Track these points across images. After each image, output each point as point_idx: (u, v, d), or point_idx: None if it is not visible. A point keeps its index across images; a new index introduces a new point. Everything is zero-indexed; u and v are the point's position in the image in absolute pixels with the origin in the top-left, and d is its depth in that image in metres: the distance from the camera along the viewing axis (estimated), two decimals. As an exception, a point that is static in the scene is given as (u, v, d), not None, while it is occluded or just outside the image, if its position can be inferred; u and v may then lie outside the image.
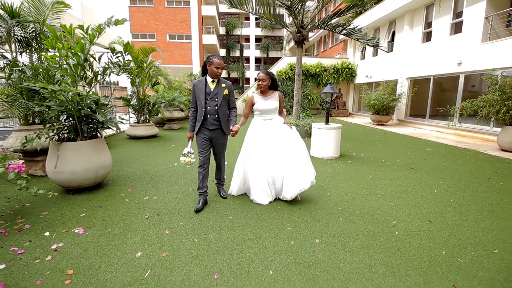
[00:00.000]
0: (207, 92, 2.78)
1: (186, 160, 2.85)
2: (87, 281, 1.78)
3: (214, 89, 2.80)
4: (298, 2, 6.73)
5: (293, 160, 2.95)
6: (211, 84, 2.81)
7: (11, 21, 3.84)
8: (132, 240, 2.28)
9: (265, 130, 3.07)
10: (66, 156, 3.13)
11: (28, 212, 2.83)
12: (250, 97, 3.13)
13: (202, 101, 2.77)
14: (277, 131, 3.04)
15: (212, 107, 2.78)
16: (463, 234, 2.44)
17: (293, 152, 2.96)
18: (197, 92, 2.81)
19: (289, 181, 2.96)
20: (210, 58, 2.75)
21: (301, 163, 2.94)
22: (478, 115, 6.71)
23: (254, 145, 3.07)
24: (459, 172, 4.49)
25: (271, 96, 3.10)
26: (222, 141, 2.98)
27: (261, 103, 3.06)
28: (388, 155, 5.75)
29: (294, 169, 2.93)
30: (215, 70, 2.74)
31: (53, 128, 3.09)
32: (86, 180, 3.29)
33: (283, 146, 2.99)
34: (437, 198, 3.29)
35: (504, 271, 1.91)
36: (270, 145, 3.01)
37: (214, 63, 2.72)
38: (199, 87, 2.80)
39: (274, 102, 3.08)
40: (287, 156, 2.97)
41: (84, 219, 2.66)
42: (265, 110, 3.06)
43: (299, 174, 2.92)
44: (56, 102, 3.05)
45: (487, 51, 8.02)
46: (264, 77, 3.02)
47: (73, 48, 2.93)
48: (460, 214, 2.85)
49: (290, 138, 3.02)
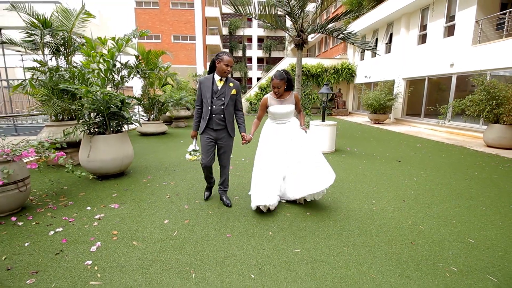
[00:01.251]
0: (214, 91, 2.69)
1: (192, 158, 2.86)
2: (130, 237, 2.33)
3: (221, 88, 2.70)
4: (297, 8, 7.25)
5: (306, 164, 2.83)
6: (218, 82, 2.70)
7: (45, 30, 4.41)
8: (159, 212, 2.83)
9: (278, 134, 2.95)
10: (97, 147, 3.69)
11: (68, 193, 3.39)
12: (264, 98, 2.99)
13: (208, 99, 2.67)
14: (291, 135, 2.93)
15: (218, 107, 2.69)
16: (429, 210, 2.96)
17: (307, 157, 2.85)
18: (203, 90, 2.71)
19: (298, 183, 2.86)
20: (220, 55, 2.65)
21: (315, 168, 2.81)
22: (465, 114, 7.19)
23: (266, 149, 2.95)
24: (441, 164, 4.99)
25: (286, 98, 2.94)
26: (227, 143, 2.84)
27: (276, 106, 2.92)
28: (379, 150, 6.26)
29: (307, 173, 2.82)
30: (224, 67, 2.62)
31: (87, 123, 3.65)
32: (113, 168, 3.85)
33: (298, 150, 2.89)
34: (415, 184, 3.81)
35: (455, 234, 2.43)
36: (283, 149, 2.92)
37: (224, 60, 2.61)
38: (206, 84, 2.70)
39: (289, 106, 2.92)
40: (302, 159, 2.86)
41: (116, 198, 3.21)
42: (279, 114, 2.93)
43: (311, 178, 2.79)
44: (88, 101, 3.61)
45: (477, 53, 8.48)
46: (279, 83, 2.82)
47: (105, 56, 3.48)
48: (432, 196, 3.37)
49: (304, 142, 2.91)
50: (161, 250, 2.13)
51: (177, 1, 22.65)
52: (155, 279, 1.81)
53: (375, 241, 2.29)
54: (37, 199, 3.19)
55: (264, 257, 2.05)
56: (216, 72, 2.72)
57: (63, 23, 4.62)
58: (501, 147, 6.58)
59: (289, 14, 7.49)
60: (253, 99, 17.05)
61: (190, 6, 22.59)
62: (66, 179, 3.87)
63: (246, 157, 5.26)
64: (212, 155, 2.83)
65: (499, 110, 6.54)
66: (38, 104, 4.53)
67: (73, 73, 3.64)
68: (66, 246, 2.19)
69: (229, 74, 2.74)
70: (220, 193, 3.07)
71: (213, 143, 2.82)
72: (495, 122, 6.74)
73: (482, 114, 6.81)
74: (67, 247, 2.18)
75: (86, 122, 3.66)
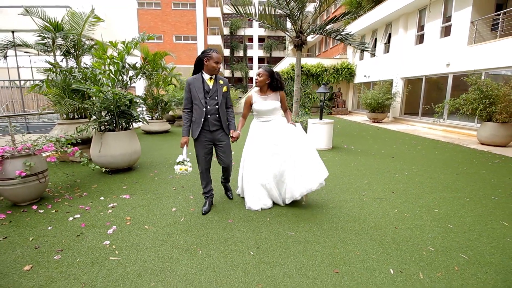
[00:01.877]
0: (206, 90, 2.55)
1: (182, 168, 2.56)
2: (142, 222, 2.59)
3: (213, 86, 2.58)
4: (297, 10, 7.48)
5: (298, 159, 2.71)
6: (209, 81, 2.56)
7: (57, 33, 4.67)
8: (166, 201, 3.09)
9: (263, 133, 2.87)
10: (107, 143, 3.95)
11: (82, 185, 3.66)
12: (249, 96, 2.94)
13: (202, 100, 2.53)
14: (278, 133, 2.83)
15: (212, 106, 2.57)
16: (416, 200, 3.20)
17: (299, 152, 2.73)
18: (193, 91, 2.55)
19: (293, 182, 2.73)
20: (208, 53, 2.50)
21: (307, 163, 2.70)
22: (459, 112, 7.41)
23: (252, 150, 2.89)
24: (433, 160, 5.23)
25: (271, 95, 2.88)
26: (226, 142, 2.75)
27: (259, 103, 2.85)
28: (375, 147, 6.50)
29: (300, 169, 2.70)
30: (214, 65, 2.49)
31: (99, 121, 3.91)
32: (122, 163, 4.11)
33: (287, 147, 2.77)
34: (405, 178, 4.05)
35: (436, 221, 2.67)
36: (267, 149, 2.83)
37: (213, 58, 2.47)
38: (196, 85, 2.54)
39: (273, 102, 2.84)
40: (292, 156, 2.73)
41: (126, 190, 3.48)
42: (262, 111, 2.85)
43: (305, 174, 2.68)
44: (99, 100, 3.87)
45: (473, 53, 8.69)
46: (261, 72, 2.79)
47: (115, 58, 3.74)
48: (419, 188, 3.61)
49: (294, 137, 2.78)
50: (170, 233, 2.39)
51: (178, 1, 22.91)
52: (167, 255, 2.06)
53: (362, 226, 2.54)
54: (54, 190, 3.46)
55: (262, 238, 2.30)
56: (204, 70, 2.57)
57: (73, 27, 4.89)
58: (494, 144, 6.80)
59: (288, 16, 7.73)
60: (254, 99, 17.28)
61: (191, 7, 22.85)
62: (79, 173, 4.14)
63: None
64: (210, 157, 2.76)
65: (491, 109, 6.75)
66: (50, 103, 4.80)
67: (85, 74, 3.90)
68: (85, 230, 2.46)
69: (218, 71, 2.60)
70: (223, 185, 3.21)
71: (211, 146, 2.70)
72: (488, 120, 6.95)
73: (475, 113, 7.02)
74: (86, 230, 2.44)
75: (98, 120, 3.92)
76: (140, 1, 22.69)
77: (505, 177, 4.17)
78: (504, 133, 6.70)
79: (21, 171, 2.81)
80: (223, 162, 2.83)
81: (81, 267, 1.92)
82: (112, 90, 3.71)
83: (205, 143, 2.66)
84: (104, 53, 3.67)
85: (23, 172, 2.82)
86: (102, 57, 3.62)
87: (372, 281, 1.80)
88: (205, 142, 2.66)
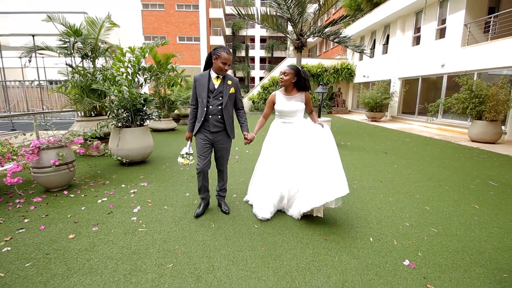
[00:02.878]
0: (210, 89, 2.44)
1: (184, 162, 2.62)
2: (161, 204, 3.01)
3: (218, 86, 2.46)
4: (297, 14, 7.89)
5: (318, 167, 2.42)
6: (215, 80, 2.45)
7: (77, 38, 5.10)
8: (180, 188, 3.51)
9: (284, 135, 2.69)
10: (125, 138, 4.38)
11: (103, 175, 4.09)
12: (272, 95, 2.78)
13: (204, 99, 2.43)
14: (299, 136, 2.62)
15: (215, 107, 2.45)
16: (400, 188, 3.60)
17: (320, 159, 2.44)
18: (198, 88, 2.47)
19: (307, 192, 2.47)
20: (218, 51, 2.38)
21: (327, 172, 2.39)
22: (451, 111, 7.80)
23: (270, 152, 2.73)
24: (422, 155, 5.62)
25: (296, 95, 2.69)
26: (225, 146, 2.61)
27: (282, 103, 2.68)
28: (370, 144, 6.90)
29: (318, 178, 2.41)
30: (222, 66, 2.37)
31: (117, 118, 4.34)
32: (137, 156, 4.54)
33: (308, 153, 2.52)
34: (394, 170, 4.45)
35: (416, 204, 3.08)
36: (287, 152, 2.64)
37: (221, 57, 2.35)
38: (201, 82, 2.45)
39: (298, 104, 2.65)
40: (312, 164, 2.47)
41: (143, 179, 3.90)
42: (285, 111, 2.67)
43: (322, 185, 2.38)
44: (117, 99, 4.29)
45: (466, 54, 9.06)
46: (287, 70, 2.61)
47: (133, 61, 4.16)
48: (406, 179, 4.01)
49: (320, 140, 2.50)
50: (187, 211, 2.81)
51: (182, 3, 23.36)
52: (185, 227, 2.48)
53: (350, 208, 2.95)
54: (79, 179, 3.90)
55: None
56: (212, 68, 2.46)
57: (90, 32, 5.32)
58: (483, 141, 7.18)
59: (289, 20, 8.14)
60: (255, 98, 17.68)
61: (194, 8, 23.29)
62: (98, 165, 4.57)
63: (250, 148, 5.93)
64: (208, 158, 2.58)
65: (481, 108, 7.13)
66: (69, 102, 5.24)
67: (105, 76, 4.33)
68: (114, 209, 2.88)
69: (226, 73, 2.48)
70: (218, 199, 2.86)
71: (209, 145, 2.56)
72: (478, 119, 7.33)
73: (466, 112, 7.40)
74: (114, 210, 2.87)
75: (116, 117, 4.34)
76: (144, 3, 23.15)
77: (487, 170, 4.56)
78: (493, 131, 7.09)
79: (55, 160, 3.24)
80: (218, 165, 2.73)
81: (116, 236, 2.35)
82: (129, 90, 4.13)
83: (204, 142, 2.54)
84: (124, 56, 4.08)
85: (57, 161, 3.25)
86: (121, 61, 4.03)
87: (354, 246, 2.21)
88: (204, 141, 2.54)
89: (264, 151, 2.83)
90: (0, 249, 2.14)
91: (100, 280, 1.78)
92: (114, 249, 2.14)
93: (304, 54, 29.73)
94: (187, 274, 1.85)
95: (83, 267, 1.93)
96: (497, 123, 7.11)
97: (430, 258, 2.05)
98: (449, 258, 2.05)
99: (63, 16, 5.19)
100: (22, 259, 2.02)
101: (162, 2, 23.14)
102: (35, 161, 3.19)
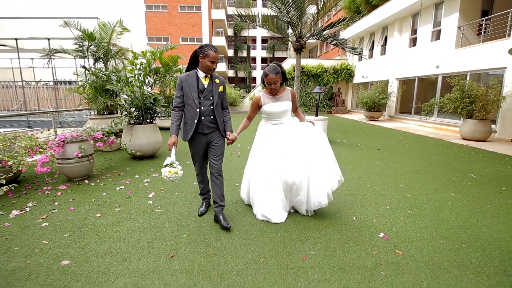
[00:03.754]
0: (200, 90, 2.37)
1: (171, 171, 2.25)
2: (172, 191, 3.42)
3: (208, 85, 2.39)
4: (296, 18, 8.27)
5: (317, 164, 2.53)
6: (203, 80, 2.38)
7: (91, 42, 5.52)
8: (188, 179, 3.92)
9: (275, 137, 2.65)
10: (136, 134, 4.79)
11: (117, 167, 4.50)
12: (256, 97, 2.70)
13: (196, 100, 2.35)
14: (292, 136, 2.60)
15: (207, 107, 2.39)
16: (387, 179, 3.98)
17: (317, 155, 2.53)
18: (186, 89, 2.36)
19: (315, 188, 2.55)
20: (205, 49, 2.29)
21: (326, 167, 2.55)
22: (443, 111, 8.16)
23: (261, 154, 2.69)
24: (413, 151, 5.99)
25: (282, 95, 2.64)
26: (220, 143, 2.53)
27: (270, 105, 2.62)
28: (365, 141, 7.27)
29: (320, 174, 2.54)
30: (210, 64, 2.30)
31: (130, 115, 4.75)
32: (148, 150, 4.94)
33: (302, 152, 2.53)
34: (383, 164, 4.83)
35: (398, 192, 3.46)
36: (281, 152, 2.60)
37: (209, 56, 2.28)
38: (189, 83, 2.35)
39: (286, 104, 2.63)
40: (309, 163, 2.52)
41: (154, 171, 4.31)
42: (274, 113, 2.62)
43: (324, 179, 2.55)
44: (129, 98, 4.70)
45: (460, 56, 9.41)
46: (275, 78, 2.52)
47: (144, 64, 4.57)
48: (393, 171, 4.39)
49: (312, 138, 2.56)
50: (195, 197, 3.21)
51: (185, 4, 23.79)
52: (195, 209, 2.89)
53: (339, 194, 3.34)
54: (96, 171, 4.31)
55: (263, 200, 3.11)
56: (198, 68, 2.37)
57: (103, 36, 5.74)
58: (474, 139, 7.54)
59: (289, 23, 8.53)
60: (257, 98, 18.08)
61: (197, 9, 23.72)
62: (112, 159, 4.99)
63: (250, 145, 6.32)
64: (205, 160, 2.62)
65: (471, 107, 7.49)
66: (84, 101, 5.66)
67: (119, 77, 4.74)
68: (131, 195, 3.29)
69: (213, 72, 2.40)
70: (217, 211, 2.54)
71: (205, 147, 2.51)
72: (469, 118, 7.69)
73: (457, 111, 7.76)
74: (132, 195, 3.28)
75: (129, 115, 4.75)
76: (148, 4, 23.60)
77: (470, 164, 4.93)
78: (483, 129, 7.44)
79: (78, 152, 3.65)
80: (213, 166, 2.50)
81: (136, 215, 2.75)
82: (141, 90, 4.54)
83: (199, 145, 2.49)
84: (136, 59, 4.49)
85: (79, 153, 3.66)
86: (133, 64, 4.43)
87: (339, 223, 2.60)
88: (199, 145, 2.49)
89: (256, 154, 2.76)
90: (40, 224, 2.55)
91: (128, 246, 2.19)
92: (136, 225, 2.55)
93: (305, 54, 30.08)
94: (198, 242, 2.25)
95: (112, 237, 2.33)
96: (487, 122, 7.46)
97: (402, 232, 2.43)
98: (418, 232, 2.44)
99: (78, 22, 5.61)
100: (59, 231, 2.43)
101: (165, 3, 23.58)
102: (60, 153, 3.60)
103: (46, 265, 1.94)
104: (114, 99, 5.21)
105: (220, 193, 2.54)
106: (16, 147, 3.37)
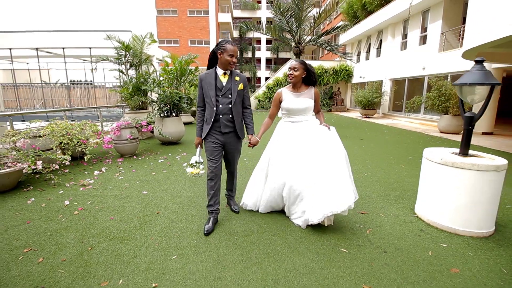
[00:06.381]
0: (218, 87, 2.32)
1: (194, 171, 2.40)
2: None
3: (226, 83, 2.34)
4: (295, 27, 9.55)
5: (327, 172, 2.29)
6: (222, 77, 2.34)
7: (127, 52, 6.90)
8: (209, 156, 5.26)
9: (293, 135, 2.52)
10: (166, 125, 6.14)
11: (153, 149, 5.87)
12: (277, 93, 2.60)
13: (213, 98, 2.31)
14: (310, 137, 2.45)
15: (224, 105, 2.33)
16: (359, 160, 5.23)
17: (328, 163, 2.31)
18: (205, 87, 2.34)
19: (317, 199, 2.32)
20: (222, 44, 2.26)
21: (336, 178, 2.27)
22: (425, 107, 9.34)
23: (277, 152, 2.57)
24: (390, 141, 7.22)
25: (304, 92, 2.54)
26: (236, 147, 2.50)
27: (291, 100, 2.52)
28: (353, 133, 8.51)
29: (327, 185, 2.28)
30: (229, 58, 2.25)
31: (162, 110, 6.11)
32: (174, 138, 6.30)
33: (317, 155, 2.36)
34: (360, 150, 6.08)
35: (363, 165, 4.72)
36: (298, 153, 2.46)
37: (227, 50, 2.24)
38: (207, 81, 2.33)
39: (307, 101, 2.51)
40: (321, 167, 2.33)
41: (181, 152, 5.66)
42: (294, 109, 2.51)
43: (332, 192, 2.26)
44: (160, 97, 6.06)
45: (442, 59, 10.54)
46: (297, 65, 2.46)
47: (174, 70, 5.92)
48: (365, 154, 5.64)
49: (327, 143, 2.36)
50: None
51: (193, 8, 25.21)
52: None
53: (319, 165, 4.63)
54: (139, 151, 5.68)
55: (264, 167, 4.43)
56: (218, 65, 2.35)
57: (136, 46, 7.12)
58: (449, 132, 8.71)
59: (289, 31, 9.81)
60: (261, 97, 19.36)
61: (205, 14, 25.13)
62: (147, 144, 6.36)
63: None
64: (220, 162, 2.45)
65: (446, 104, 8.66)
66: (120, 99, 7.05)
67: (154, 80, 6.10)
68: (171, 165, 4.64)
69: (234, 66, 2.35)
70: (228, 198, 2.84)
71: (220, 148, 2.44)
72: (445, 114, 8.86)
73: (434, 108, 8.94)
74: (172, 165, 4.62)
75: (160, 109, 6.11)
76: (159, 9, 25.10)
77: (432, 149, 6.15)
78: (457, 123, 8.61)
79: (130, 135, 5.01)
80: (228, 167, 2.61)
81: (178, 174, 4.09)
82: (170, 90, 5.89)
83: (215, 145, 2.40)
84: (168, 66, 5.81)
85: (131, 136, 5.03)
86: (165, 70, 5.76)
87: (314, 179, 3.90)
88: (214, 144, 2.40)
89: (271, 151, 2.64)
90: (117, 178, 3.91)
91: (178, 186, 3.53)
92: (181, 178, 3.89)
93: (308, 56, 31.22)
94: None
95: (167, 183, 3.68)
96: (460, 117, 8.62)
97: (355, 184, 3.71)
98: (364, 183, 3.72)
99: (117, 35, 7.00)
100: (132, 180, 3.79)
101: (175, 8, 25.04)
102: (117, 135, 4.97)
103: (135, 193, 3.30)
104: (146, 97, 6.57)
105: (232, 187, 2.80)
106: (86, 132, 4.74)
